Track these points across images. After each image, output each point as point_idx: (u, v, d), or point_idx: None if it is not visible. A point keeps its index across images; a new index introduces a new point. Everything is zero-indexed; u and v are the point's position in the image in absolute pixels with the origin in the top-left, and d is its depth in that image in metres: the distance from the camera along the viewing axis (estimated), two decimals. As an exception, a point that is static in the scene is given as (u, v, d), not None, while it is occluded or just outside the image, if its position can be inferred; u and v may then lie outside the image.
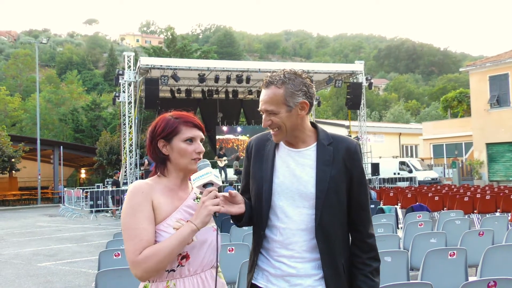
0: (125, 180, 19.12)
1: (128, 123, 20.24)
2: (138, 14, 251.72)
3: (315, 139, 1.92)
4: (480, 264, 3.82)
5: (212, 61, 25.93)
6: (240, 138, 24.59)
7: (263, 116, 1.90)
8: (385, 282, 1.97)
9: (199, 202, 1.77)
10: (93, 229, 13.67)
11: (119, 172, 19.63)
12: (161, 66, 18.85)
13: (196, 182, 1.72)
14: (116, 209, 16.77)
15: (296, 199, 1.86)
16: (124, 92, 20.22)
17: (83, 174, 37.95)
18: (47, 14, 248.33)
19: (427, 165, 28.72)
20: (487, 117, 24.27)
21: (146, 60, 19.43)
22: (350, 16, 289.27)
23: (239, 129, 25.08)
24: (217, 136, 24.15)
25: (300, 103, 1.84)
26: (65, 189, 23.43)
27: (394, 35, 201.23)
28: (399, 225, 8.68)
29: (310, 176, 1.86)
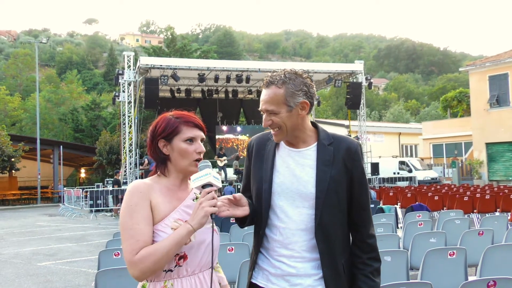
0: (124, 180, 19.12)
1: (128, 123, 20.23)
2: (138, 14, 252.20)
3: (315, 139, 1.92)
4: (479, 263, 3.82)
5: (212, 60, 25.93)
6: (240, 137, 24.58)
7: (263, 116, 1.89)
8: (385, 281, 1.97)
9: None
10: (93, 228, 13.67)
11: (120, 172, 19.63)
12: (161, 65, 18.84)
13: (195, 182, 1.71)
14: (117, 208, 16.76)
15: (296, 199, 1.86)
16: (124, 91, 20.21)
17: (83, 173, 37.95)
18: (47, 14, 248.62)
19: (426, 164, 28.72)
20: (486, 116, 24.28)
21: (146, 60, 19.42)
22: (350, 16, 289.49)
23: (238, 128, 25.08)
24: (217, 136, 24.15)
25: (301, 103, 1.84)
26: (65, 188, 23.39)
27: (394, 35, 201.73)
28: (399, 224, 8.67)
29: (310, 176, 1.86)
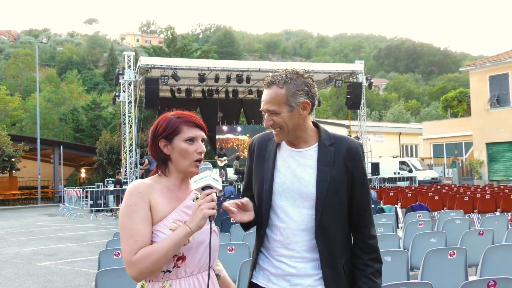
0: (125, 180, 19.12)
1: (128, 123, 20.23)
2: (138, 14, 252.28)
3: (316, 139, 1.92)
4: (480, 263, 3.82)
5: (212, 60, 25.93)
6: (240, 137, 24.59)
7: (265, 116, 1.89)
8: (385, 281, 1.97)
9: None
10: (93, 228, 13.68)
11: (122, 172, 19.63)
12: (161, 65, 18.84)
13: (195, 184, 1.71)
14: (117, 208, 16.76)
15: (296, 199, 1.86)
16: (124, 91, 20.22)
17: (83, 173, 37.96)
18: (47, 14, 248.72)
19: (427, 164, 28.72)
20: (487, 116, 24.28)
21: (146, 60, 19.43)
22: (350, 16, 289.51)
23: (239, 128, 25.08)
24: (217, 136, 24.15)
25: (302, 103, 1.84)
26: (65, 188, 23.39)
27: (394, 35, 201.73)
28: (399, 224, 8.68)
29: (310, 176, 1.86)
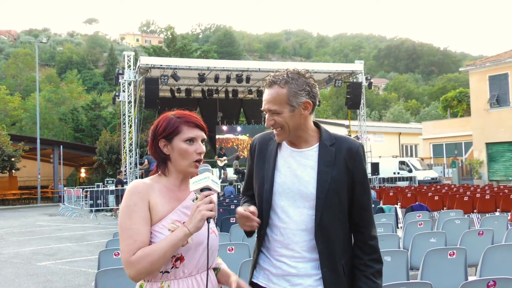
0: (124, 180, 19.12)
1: (128, 123, 20.23)
2: (138, 14, 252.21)
3: (317, 139, 1.92)
4: (479, 263, 3.82)
5: (212, 60, 25.93)
6: (240, 137, 24.58)
7: (266, 115, 1.89)
8: (385, 281, 1.97)
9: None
10: (93, 228, 13.67)
11: (123, 172, 19.61)
12: (161, 65, 18.84)
13: (193, 185, 1.70)
14: (117, 208, 16.75)
15: (297, 199, 1.86)
16: (124, 91, 20.21)
17: (83, 173, 37.96)
18: (47, 14, 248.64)
19: (427, 164, 28.72)
20: (486, 116, 24.28)
21: (146, 60, 19.43)
22: (350, 16, 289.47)
23: (239, 128, 25.07)
24: (217, 136, 24.15)
25: (303, 102, 1.84)
26: (65, 188, 23.38)
27: (394, 35, 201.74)
28: (399, 224, 8.68)
29: (311, 176, 1.86)
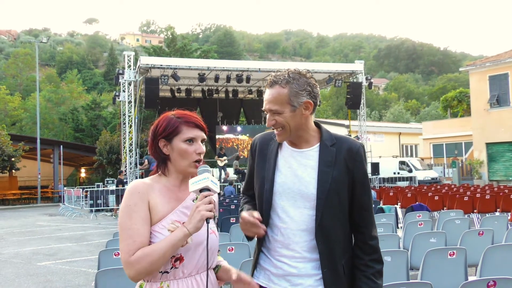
0: (125, 180, 19.13)
1: (128, 123, 20.24)
2: (138, 14, 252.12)
3: (318, 139, 1.92)
4: (479, 263, 3.82)
5: (212, 60, 25.93)
6: (240, 137, 24.58)
7: (267, 115, 1.89)
8: (385, 281, 1.97)
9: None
10: (93, 228, 13.68)
11: (124, 172, 19.60)
12: (161, 65, 18.84)
13: (193, 186, 1.70)
14: (117, 208, 16.76)
15: (297, 199, 1.86)
16: (124, 91, 20.22)
17: (83, 173, 37.97)
18: (47, 14, 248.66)
19: (427, 164, 28.72)
20: (487, 116, 24.28)
21: (146, 60, 19.43)
22: (350, 16, 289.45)
23: (239, 128, 25.07)
24: (217, 136, 24.14)
25: (304, 102, 1.84)
26: (65, 188, 23.38)
27: (394, 35, 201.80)
28: (399, 224, 8.68)
29: (311, 177, 1.86)
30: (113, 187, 18.35)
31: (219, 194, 1.92)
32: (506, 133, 23.28)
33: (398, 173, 24.87)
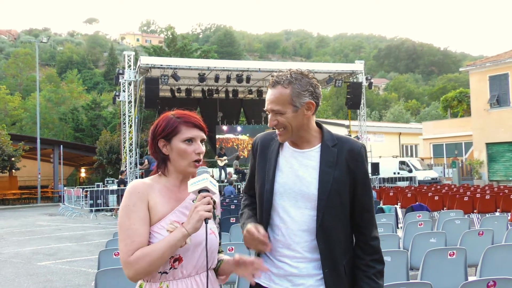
0: (126, 180, 19.12)
1: (128, 122, 20.24)
2: (138, 14, 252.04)
3: (319, 139, 1.92)
4: (479, 264, 3.82)
5: (212, 60, 25.94)
6: (240, 137, 24.58)
7: (269, 115, 1.89)
8: (385, 282, 1.97)
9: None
10: (93, 228, 13.68)
11: (125, 172, 19.59)
12: (161, 65, 18.84)
13: (192, 187, 1.69)
14: (117, 208, 16.76)
15: (298, 199, 1.86)
16: (124, 91, 20.22)
17: (83, 173, 37.98)
18: (47, 13, 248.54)
19: (427, 164, 28.72)
20: (487, 117, 24.28)
21: (146, 60, 19.43)
22: (350, 16, 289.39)
23: (239, 128, 25.08)
24: (217, 136, 24.15)
25: (307, 103, 1.84)
26: (65, 188, 23.38)
27: (394, 35, 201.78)
28: (399, 224, 8.68)
29: (312, 177, 1.86)
30: (113, 187, 18.36)
31: (220, 194, 1.91)
32: (506, 133, 23.28)
33: (398, 173, 24.87)
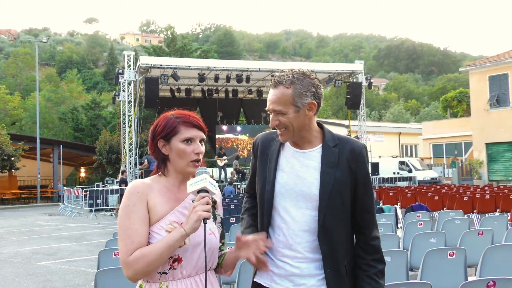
0: (126, 179, 19.11)
1: (128, 122, 20.24)
2: (138, 13, 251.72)
3: (321, 140, 1.92)
4: (479, 264, 3.82)
5: (212, 60, 25.95)
6: (240, 137, 24.58)
7: (270, 115, 1.89)
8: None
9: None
10: (92, 228, 13.68)
11: (126, 171, 19.59)
12: (161, 65, 18.84)
13: (191, 187, 1.69)
14: (117, 208, 16.76)
15: (299, 200, 1.86)
16: (124, 91, 20.22)
17: (82, 173, 37.98)
18: (47, 13, 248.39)
19: (426, 164, 28.72)
20: (486, 117, 24.28)
21: (146, 59, 19.43)
22: (350, 16, 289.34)
23: (238, 128, 25.08)
24: (217, 136, 24.15)
25: (308, 103, 1.84)
26: (64, 188, 23.37)
27: (394, 35, 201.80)
28: (399, 224, 8.67)
29: (314, 178, 1.85)
30: (113, 187, 18.34)
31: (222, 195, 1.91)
32: (506, 133, 23.29)
33: (398, 173, 24.87)
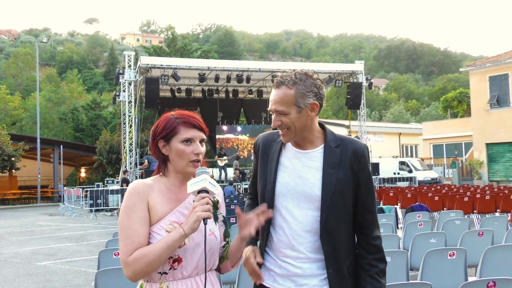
0: (128, 179, 19.11)
1: (128, 122, 20.25)
2: (139, 13, 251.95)
3: (322, 140, 1.92)
4: (479, 264, 3.82)
5: (213, 60, 25.95)
6: (240, 137, 24.59)
7: (272, 116, 1.89)
8: (385, 282, 1.99)
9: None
10: (92, 228, 13.68)
11: (128, 171, 19.59)
12: (161, 65, 18.85)
13: (191, 187, 1.69)
14: (119, 208, 16.76)
15: (301, 200, 1.86)
16: (124, 91, 20.23)
17: (83, 173, 37.98)
18: (48, 13, 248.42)
19: (427, 165, 28.73)
20: (487, 117, 24.28)
21: (146, 60, 19.44)
22: (350, 16, 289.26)
23: (239, 128, 25.08)
24: (217, 136, 24.16)
25: (311, 104, 1.84)
26: (65, 188, 23.36)
27: (394, 35, 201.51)
28: (399, 225, 8.68)
29: (316, 178, 1.86)
30: (113, 187, 18.34)
31: (224, 195, 1.90)
32: (506, 133, 23.28)
33: (398, 173, 24.87)
